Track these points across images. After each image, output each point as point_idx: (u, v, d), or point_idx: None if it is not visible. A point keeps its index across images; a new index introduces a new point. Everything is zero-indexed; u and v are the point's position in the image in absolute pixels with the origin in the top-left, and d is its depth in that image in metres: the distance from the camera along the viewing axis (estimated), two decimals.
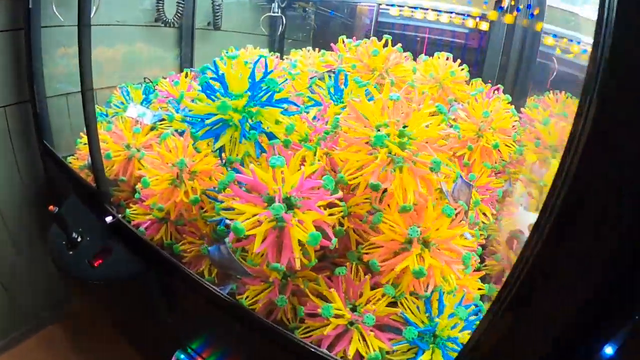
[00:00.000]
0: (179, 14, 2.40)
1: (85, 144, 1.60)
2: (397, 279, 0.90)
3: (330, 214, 0.89)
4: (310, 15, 3.28)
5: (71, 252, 1.33)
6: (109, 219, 1.31)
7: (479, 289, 1.04)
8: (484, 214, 1.30)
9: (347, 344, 0.87)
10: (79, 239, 1.35)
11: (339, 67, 1.45)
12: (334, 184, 0.90)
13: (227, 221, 0.91)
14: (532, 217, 0.57)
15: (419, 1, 3.03)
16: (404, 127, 0.93)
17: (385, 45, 1.56)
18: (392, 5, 3.04)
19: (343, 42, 1.66)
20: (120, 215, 1.35)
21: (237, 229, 0.80)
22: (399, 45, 1.65)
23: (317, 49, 1.89)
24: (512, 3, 2.53)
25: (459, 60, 1.69)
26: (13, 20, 1.88)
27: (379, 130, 0.94)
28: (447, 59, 1.68)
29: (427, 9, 3.00)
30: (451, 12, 2.96)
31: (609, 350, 0.56)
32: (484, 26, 2.80)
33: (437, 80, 1.66)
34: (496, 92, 1.58)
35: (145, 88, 1.72)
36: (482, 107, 1.42)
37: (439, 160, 0.91)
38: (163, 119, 1.41)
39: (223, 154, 1.01)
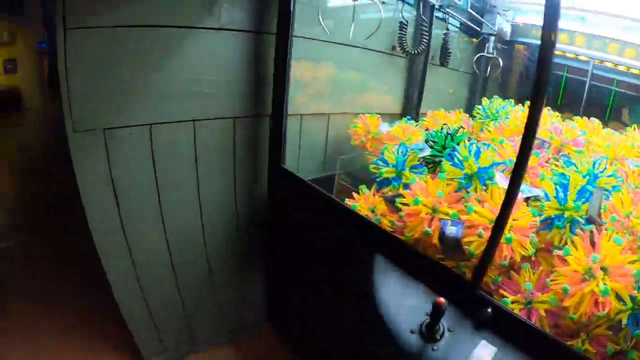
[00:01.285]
0: (423, 45, 2.02)
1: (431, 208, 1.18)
2: None
3: None
4: (523, 61, 2.85)
5: (434, 349, 0.83)
6: (487, 311, 0.93)
7: None
8: None
9: None
10: (441, 332, 0.93)
11: None
12: None
13: None
14: None
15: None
16: None
17: None
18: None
19: None
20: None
21: None
22: None
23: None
24: None
25: None
26: (257, 21, 1.55)
27: None
28: None
29: None
30: None
31: None
32: None
33: None
34: None
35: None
36: None
37: None
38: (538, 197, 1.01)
39: None
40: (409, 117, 1.97)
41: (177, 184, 1.55)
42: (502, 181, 1.20)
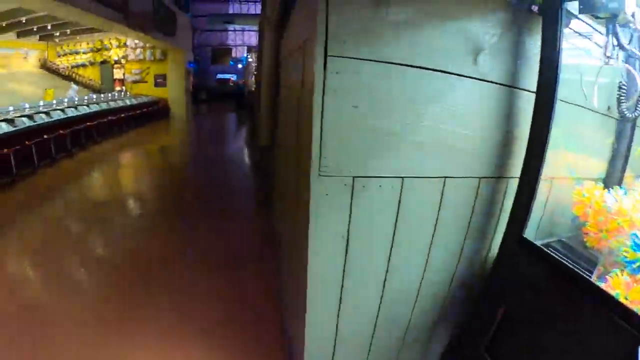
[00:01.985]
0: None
1: None
2: None
3: None
4: None
5: None
6: None
7: None
8: None
9: None
10: None
11: None
12: None
13: None
14: None
15: None
16: None
17: None
18: None
19: None
20: None
21: None
22: None
23: None
24: None
25: None
26: (514, 75, 1.41)
27: None
28: None
29: None
30: None
31: None
32: None
33: None
34: None
35: None
36: None
37: None
38: None
39: None
40: (621, 185, 1.77)
41: (410, 245, 1.43)
42: None
